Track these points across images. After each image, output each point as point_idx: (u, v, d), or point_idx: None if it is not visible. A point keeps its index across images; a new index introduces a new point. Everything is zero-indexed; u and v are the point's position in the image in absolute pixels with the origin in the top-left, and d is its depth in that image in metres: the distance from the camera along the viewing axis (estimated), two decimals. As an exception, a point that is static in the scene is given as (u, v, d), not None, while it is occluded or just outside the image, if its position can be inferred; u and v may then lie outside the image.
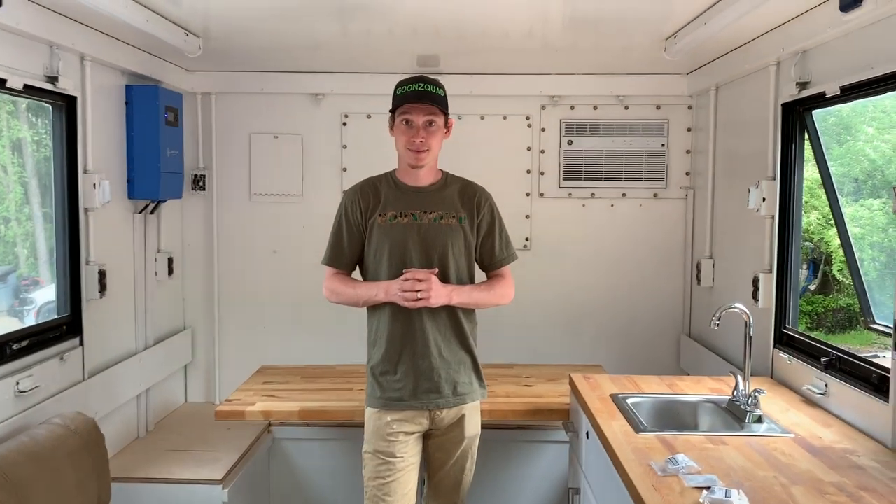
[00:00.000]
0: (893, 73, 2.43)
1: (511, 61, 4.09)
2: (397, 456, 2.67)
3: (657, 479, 2.09)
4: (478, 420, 2.85)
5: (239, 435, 3.73)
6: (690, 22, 3.14)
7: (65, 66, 3.07)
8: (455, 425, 2.76)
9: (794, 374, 3.04)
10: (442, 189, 2.78)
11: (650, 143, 4.38)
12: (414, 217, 2.72)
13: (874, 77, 2.54)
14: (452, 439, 2.78)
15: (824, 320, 8.14)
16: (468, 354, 2.79)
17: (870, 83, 2.59)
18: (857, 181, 5.70)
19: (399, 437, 2.68)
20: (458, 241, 2.73)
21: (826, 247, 7.86)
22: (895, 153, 5.58)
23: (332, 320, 4.42)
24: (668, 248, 4.45)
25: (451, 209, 2.75)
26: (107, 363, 3.49)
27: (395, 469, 2.66)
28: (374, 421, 2.73)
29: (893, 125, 5.25)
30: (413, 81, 2.67)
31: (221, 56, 3.91)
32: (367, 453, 2.74)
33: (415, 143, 2.65)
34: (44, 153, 3.34)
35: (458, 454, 2.80)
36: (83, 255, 3.27)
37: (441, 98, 2.68)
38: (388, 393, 2.71)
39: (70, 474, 2.55)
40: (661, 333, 4.48)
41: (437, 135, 2.70)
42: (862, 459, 2.28)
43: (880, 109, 5.05)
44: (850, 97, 2.77)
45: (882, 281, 3.16)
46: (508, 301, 2.84)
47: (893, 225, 4.96)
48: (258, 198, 4.44)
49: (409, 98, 2.64)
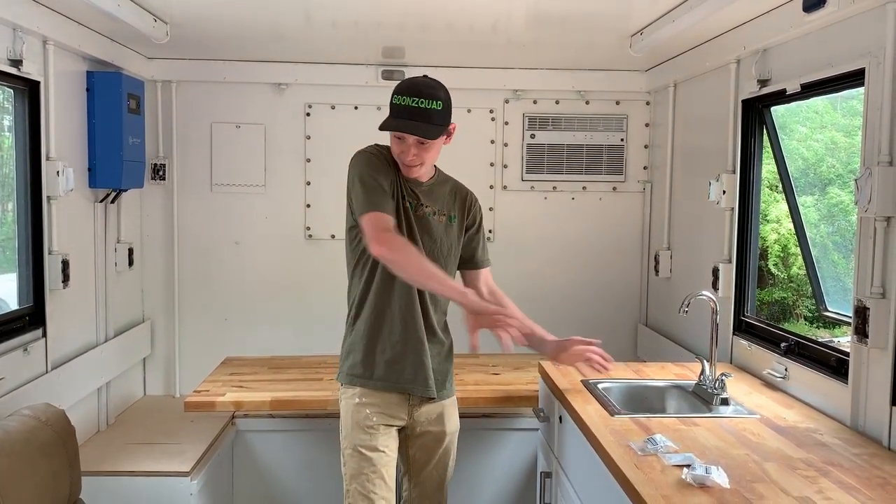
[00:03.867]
0: (852, 71, 2.56)
1: (475, 55, 4.13)
2: (380, 449, 2.59)
3: (638, 459, 2.17)
4: (457, 415, 2.81)
5: (203, 427, 3.69)
6: (659, 19, 3.24)
7: (28, 50, 2.99)
8: (435, 422, 2.71)
9: (754, 360, 3.18)
10: (436, 186, 2.69)
11: (610, 138, 4.49)
12: (412, 206, 2.61)
13: (834, 75, 2.67)
14: (434, 437, 2.72)
15: (760, 313, 8.49)
16: (450, 347, 2.76)
17: (829, 81, 2.73)
18: (791, 179, 5.97)
19: (380, 429, 2.60)
20: (448, 239, 2.68)
21: (762, 242, 8.19)
22: (826, 152, 5.83)
23: (295, 311, 4.43)
24: (627, 240, 4.57)
25: (444, 207, 2.68)
26: (68, 355, 3.41)
27: (379, 463, 2.58)
28: (352, 415, 2.62)
29: (824, 125, 5.48)
30: (411, 93, 2.46)
31: (185, 43, 3.85)
32: (347, 450, 2.62)
33: (405, 159, 2.53)
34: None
35: (441, 451, 2.74)
36: (46, 245, 3.19)
37: (437, 114, 2.46)
38: (378, 371, 2.61)
39: (44, 466, 2.48)
40: (620, 323, 4.60)
41: (431, 149, 2.54)
42: (825, 437, 2.41)
43: (812, 110, 5.28)
44: (809, 94, 2.91)
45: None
46: None
47: (825, 221, 5.18)
48: (219, 188, 4.39)
49: (402, 115, 2.46)
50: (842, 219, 4.35)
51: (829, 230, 4.49)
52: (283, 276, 4.45)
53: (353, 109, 4.32)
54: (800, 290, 7.16)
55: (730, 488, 1.96)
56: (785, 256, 7.11)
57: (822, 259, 3.45)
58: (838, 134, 5.27)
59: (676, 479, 2.01)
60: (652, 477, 2.04)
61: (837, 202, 4.68)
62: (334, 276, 2.81)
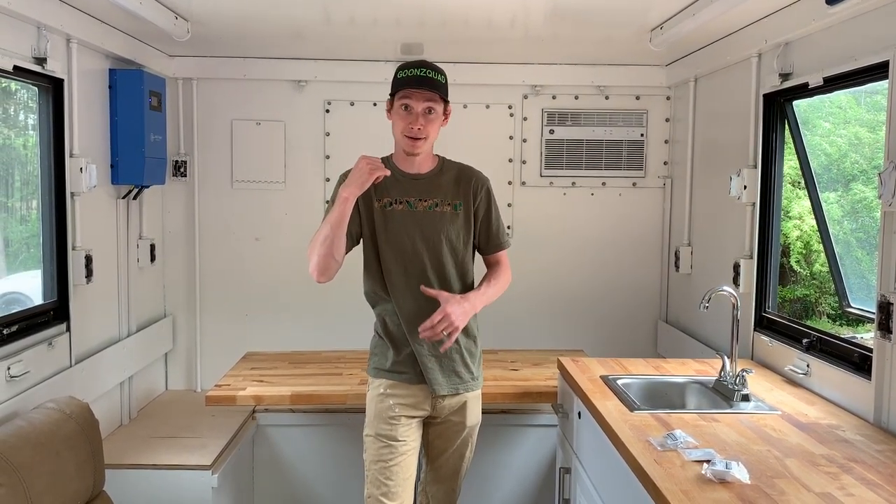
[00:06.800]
0: (876, 64, 2.53)
1: (494, 51, 4.13)
2: (399, 439, 2.66)
3: (658, 454, 2.16)
4: (479, 409, 2.85)
5: (224, 422, 3.72)
6: (679, 13, 3.22)
7: (52, 48, 3.02)
8: (457, 413, 2.77)
9: (775, 356, 3.15)
10: (438, 176, 2.75)
11: (630, 133, 4.47)
12: (409, 205, 2.69)
13: (857, 68, 2.64)
14: (454, 427, 2.78)
15: (782, 310, 8.44)
16: (475, 343, 2.82)
17: (852, 74, 2.70)
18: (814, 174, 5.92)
19: (402, 420, 2.68)
20: (455, 229, 2.71)
21: (784, 239, 8.13)
22: (850, 148, 5.77)
23: (314, 307, 4.44)
24: (647, 236, 4.55)
25: (447, 196, 2.72)
26: (92, 350, 3.45)
27: (397, 452, 2.66)
28: (375, 404, 2.72)
29: (848, 121, 5.43)
30: (415, 66, 2.63)
31: (205, 41, 3.88)
32: (368, 436, 2.72)
33: (412, 129, 2.61)
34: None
35: (459, 442, 2.80)
36: (70, 240, 3.23)
37: (442, 85, 2.64)
38: (399, 367, 2.70)
39: (69, 459, 2.52)
40: (640, 319, 4.58)
41: (435, 122, 2.65)
42: (847, 434, 2.38)
43: (836, 105, 5.23)
44: (832, 88, 2.87)
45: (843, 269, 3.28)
46: (508, 285, 2.82)
47: (849, 217, 5.14)
48: (240, 185, 4.42)
49: (410, 83, 2.60)
50: (865, 215, 4.30)
51: (852, 227, 4.44)
52: (302, 271, 4.40)
53: (371, 106, 4.32)
54: (822, 288, 7.09)
55: (750, 484, 1.95)
56: (807, 253, 7.04)
57: (846, 256, 3.42)
58: (862, 129, 5.21)
59: (696, 475, 2.01)
60: (671, 472, 2.03)
61: (861, 198, 4.63)
62: (353, 271, 2.82)
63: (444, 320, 2.52)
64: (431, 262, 2.69)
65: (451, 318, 2.53)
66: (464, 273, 2.77)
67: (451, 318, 2.53)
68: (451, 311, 2.54)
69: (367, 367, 2.82)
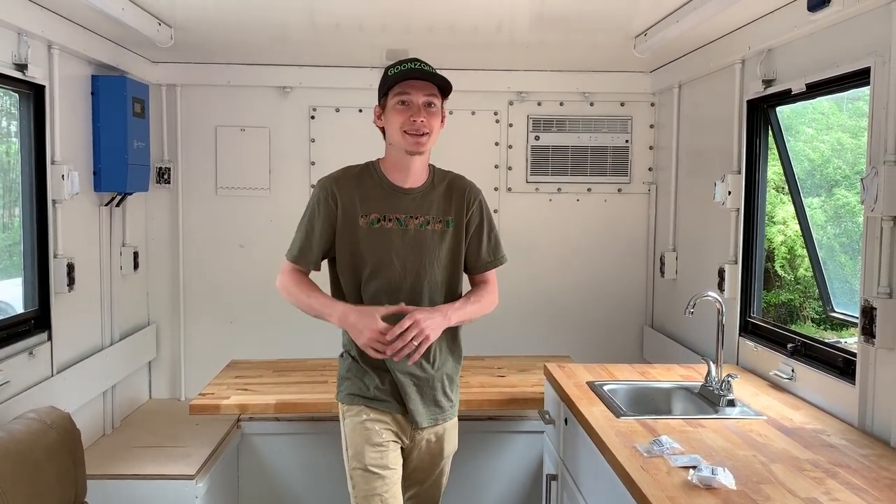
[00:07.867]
0: (857, 70, 2.55)
1: (480, 57, 4.13)
2: (391, 467, 2.42)
3: (644, 461, 2.16)
4: (456, 436, 2.64)
5: (208, 431, 3.69)
6: (663, 19, 3.23)
7: (33, 55, 3.00)
8: (435, 443, 2.56)
9: (760, 361, 3.16)
10: (430, 191, 2.48)
11: (614, 140, 4.49)
12: (399, 222, 2.42)
13: (839, 74, 2.66)
14: (432, 458, 2.58)
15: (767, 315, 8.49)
16: (459, 365, 2.61)
17: (834, 80, 2.71)
18: (797, 180, 5.97)
19: (390, 445, 2.44)
20: (445, 248, 2.46)
21: (768, 244, 8.19)
22: (833, 153, 5.81)
23: (299, 315, 4.34)
24: (632, 242, 4.56)
25: (439, 213, 2.46)
26: (74, 359, 3.41)
27: (390, 482, 2.41)
28: (360, 432, 2.44)
29: (831, 127, 5.47)
30: (409, 61, 2.37)
31: (189, 47, 3.86)
32: (356, 469, 2.42)
33: (415, 123, 2.32)
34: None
35: (437, 472, 2.62)
36: (51, 248, 3.20)
37: (442, 78, 2.36)
38: (377, 394, 2.46)
39: (49, 469, 2.49)
40: (625, 324, 4.59)
41: (437, 118, 2.38)
42: (832, 438, 2.39)
43: (818, 111, 5.27)
44: (814, 94, 2.89)
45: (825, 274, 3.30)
46: (492, 309, 2.58)
47: (832, 222, 5.17)
48: (224, 191, 4.39)
49: (407, 75, 2.33)
50: (848, 220, 4.33)
51: (835, 231, 4.47)
52: (287, 279, 4.43)
53: (357, 112, 4.31)
54: (806, 292, 7.13)
55: (736, 489, 1.94)
56: (791, 258, 7.08)
57: (829, 260, 3.44)
58: (845, 135, 5.25)
59: (682, 481, 2.00)
60: (658, 478, 2.02)
61: (844, 203, 4.66)
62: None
63: (413, 327, 2.26)
64: (421, 286, 2.44)
65: (422, 325, 2.26)
66: (454, 298, 2.52)
67: (421, 325, 2.26)
68: (420, 317, 2.27)
69: (338, 394, 2.54)
